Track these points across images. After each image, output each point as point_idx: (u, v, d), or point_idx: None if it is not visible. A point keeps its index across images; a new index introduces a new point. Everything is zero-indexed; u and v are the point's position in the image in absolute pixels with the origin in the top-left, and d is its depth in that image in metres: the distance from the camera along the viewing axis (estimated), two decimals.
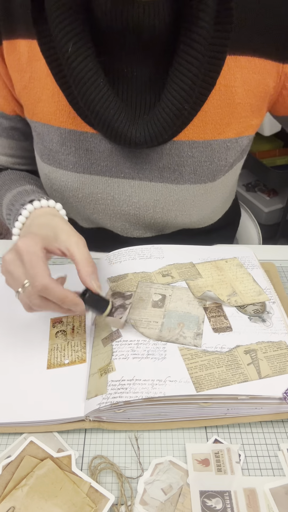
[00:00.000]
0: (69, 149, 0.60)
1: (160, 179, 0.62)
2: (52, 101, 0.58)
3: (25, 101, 0.60)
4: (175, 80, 0.51)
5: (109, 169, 0.61)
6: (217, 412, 0.46)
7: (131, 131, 0.54)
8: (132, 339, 0.50)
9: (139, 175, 0.62)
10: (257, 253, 0.66)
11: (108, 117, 0.53)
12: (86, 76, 0.51)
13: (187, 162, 0.60)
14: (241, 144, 0.62)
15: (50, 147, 0.61)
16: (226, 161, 0.62)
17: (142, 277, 0.59)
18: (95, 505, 0.39)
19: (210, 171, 0.62)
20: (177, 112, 0.53)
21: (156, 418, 0.46)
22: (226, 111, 0.57)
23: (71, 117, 0.58)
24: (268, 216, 1.92)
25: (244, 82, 0.55)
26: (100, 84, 0.51)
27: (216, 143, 0.60)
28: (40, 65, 0.56)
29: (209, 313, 0.53)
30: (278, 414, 0.47)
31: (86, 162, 0.61)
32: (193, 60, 0.50)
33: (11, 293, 0.60)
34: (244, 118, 0.59)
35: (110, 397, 0.44)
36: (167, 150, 0.59)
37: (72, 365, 0.51)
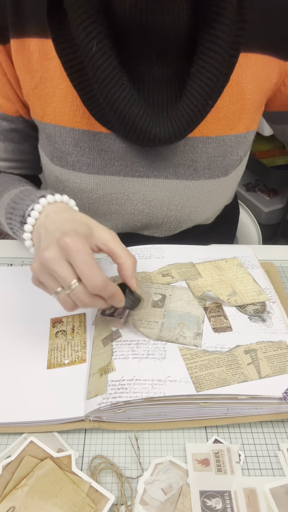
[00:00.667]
0: (82, 150, 0.60)
1: (175, 175, 0.62)
2: (65, 102, 0.57)
3: (35, 102, 0.59)
4: (200, 76, 0.52)
5: (123, 169, 0.61)
6: (217, 412, 0.46)
7: (154, 128, 0.54)
8: (132, 339, 0.50)
9: (154, 173, 0.62)
10: (257, 253, 0.66)
11: (132, 115, 0.53)
12: (110, 75, 0.51)
13: (201, 158, 0.61)
14: (249, 138, 0.64)
15: (62, 149, 0.61)
16: (238, 155, 0.64)
17: (142, 277, 0.59)
18: (95, 505, 0.39)
19: (223, 166, 0.63)
20: (201, 108, 0.53)
21: (156, 418, 0.46)
22: (238, 107, 0.59)
23: (85, 118, 0.58)
24: (268, 216, 1.92)
25: (253, 78, 0.57)
26: (124, 83, 0.51)
27: (228, 138, 0.61)
28: (53, 65, 0.55)
29: (209, 313, 0.53)
30: (278, 414, 0.47)
31: (100, 163, 0.61)
32: (218, 56, 0.51)
33: (11, 293, 0.60)
34: (252, 114, 0.61)
35: (110, 397, 0.44)
36: (182, 147, 0.60)
37: (72, 365, 0.51)
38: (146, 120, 0.53)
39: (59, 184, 0.65)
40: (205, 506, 0.39)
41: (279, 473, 0.43)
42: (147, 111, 0.54)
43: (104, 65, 0.50)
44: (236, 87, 0.57)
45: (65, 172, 0.63)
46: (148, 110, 0.54)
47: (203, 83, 0.52)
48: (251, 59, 0.56)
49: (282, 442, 0.45)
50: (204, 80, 0.52)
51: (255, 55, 0.56)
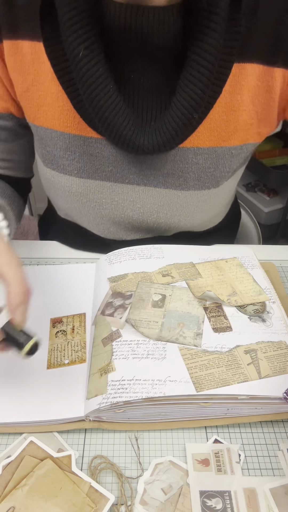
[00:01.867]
0: (73, 154, 0.60)
1: (164, 185, 0.62)
2: (56, 105, 0.57)
3: (27, 104, 0.59)
4: (185, 89, 0.51)
5: (113, 175, 0.61)
6: (217, 412, 0.46)
7: (139, 138, 0.53)
8: (132, 339, 0.50)
9: (144, 181, 0.62)
10: (257, 253, 0.66)
11: (117, 124, 0.52)
12: (96, 81, 0.50)
13: (192, 169, 0.60)
14: (245, 151, 0.62)
15: (54, 152, 0.61)
16: (230, 168, 0.62)
17: (142, 277, 0.59)
18: (95, 505, 0.39)
19: (214, 178, 0.62)
20: (186, 121, 0.52)
21: (156, 418, 0.46)
22: (231, 118, 0.57)
23: (76, 122, 0.57)
24: (268, 216, 1.93)
25: (249, 89, 0.55)
26: (110, 90, 0.51)
27: (221, 150, 0.59)
28: (45, 67, 0.55)
29: (209, 313, 0.53)
30: (278, 414, 0.47)
31: (90, 168, 0.61)
32: (203, 70, 0.49)
33: None
34: (250, 126, 0.58)
35: (110, 397, 0.44)
36: (172, 157, 0.59)
37: (72, 365, 0.51)
38: (130, 130, 0.53)
39: (51, 185, 0.66)
40: (205, 506, 0.39)
41: (279, 473, 0.43)
42: (133, 120, 0.53)
43: (90, 72, 0.49)
44: (230, 98, 0.55)
45: (56, 175, 0.63)
46: (134, 119, 0.53)
47: (188, 96, 0.51)
48: (246, 70, 0.54)
49: (282, 442, 0.45)
50: (190, 94, 0.51)
51: (251, 65, 0.54)
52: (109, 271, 0.61)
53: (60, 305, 0.58)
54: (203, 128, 0.57)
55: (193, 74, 0.50)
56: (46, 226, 0.87)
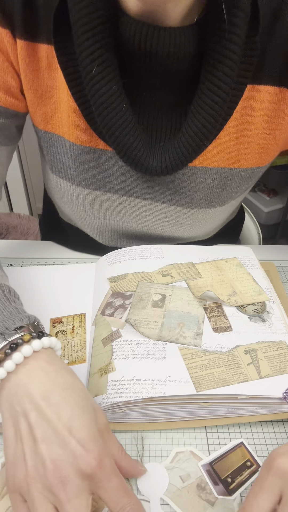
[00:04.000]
0: (82, 166, 0.59)
1: (171, 201, 0.62)
2: (67, 114, 0.55)
3: (39, 110, 0.57)
4: (197, 116, 0.50)
5: (121, 188, 0.61)
6: (217, 412, 0.46)
7: (148, 160, 0.53)
8: (132, 339, 0.50)
9: (151, 196, 0.61)
10: (257, 253, 0.66)
11: (127, 144, 0.52)
12: (109, 100, 0.49)
13: (200, 188, 0.60)
14: (257, 174, 0.61)
15: (63, 161, 0.60)
16: (238, 189, 0.62)
17: (142, 277, 0.59)
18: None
19: (221, 198, 0.62)
20: (196, 148, 0.52)
21: (156, 418, 0.46)
22: (242, 140, 0.56)
23: (87, 134, 0.56)
24: (268, 216, 1.93)
25: (262, 111, 0.54)
26: (122, 109, 0.49)
27: (230, 172, 0.59)
28: (60, 73, 0.53)
29: (209, 313, 0.53)
30: (278, 414, 0.47)
31: (99, 180, 0.60)
32: (217, 98, 0.48)
33: None
34: (260, 149, 0.57)
35: (110, 397, 0.44)
36: (180, 175, 0.59)
37: (72, 365, 0.51)
38: (140, 151, 0.52)
39: (57, 192, 0.65)
40: None
41: None
42: (143, 140, 0.52)
43: (103, 89, 0.48)
44: (241, 119, 0.54)
45: (64, 183, 0.62)
46: (145, 139, 0.53)
47: (200, 123, 0.50)
48: (259, 92, 0.52)
49: (282, 442, 0.45)
50: (201, 121, 0.50)
51: (265, 87, 0.52)
52: (109, 271, 0.61)
53: (60, 305, 0.58)
54: (213, 148, 0.56)
55: (206, 101, 0.49)
56: (47, 227, 0.87)
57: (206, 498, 0.40)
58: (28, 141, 1.84)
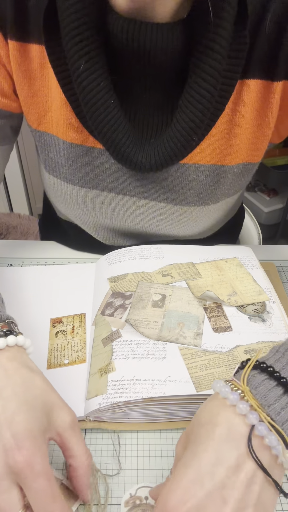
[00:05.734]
0: (75, 164, 0.59)
1: (164, 199, 0.62)
2: (60, 113, 0.56)
3: (32, 110, 0.57)
4: (185, 110, 0.50)
5: (114, 186, 0.61)
6: None
7: (137, 156, 0.53)
8: (132, 339, 0.50)
9: (144, 194, 0.61)
10: (257, 253, 0.66)
11: (116, 140, 0.52)
12: (96, 96, 0.49)
13: (192, 185, 0.60)
14: (249, 170, 0.61)
15: (57, 160, 0.60)
16: (231, 186, 0.62)
17: (142, 277, 0.59)
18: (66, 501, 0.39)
19: (214, 195, 0.61)
20: (185, 143, 0.52)
21: (156, 418, 0.46)
22: (234, 136, 0.56)
23: (79, 132, 0.57)
24: (268, 216, 1.93)
25: (252, 106, 0.53)
26: (110, 105, 0.50)
27: (222, 169, 0.59)
28: (51, 72, 0.53)
29: (209, 313, 0.53)
30: None
31: (92, 178, 0.60)
32: (205, 93, 0.48)
33: (10, 293, 0.60)
34: (251, 144, 0.57)
35: (110, 397, 0.44)
36: (173, 173, 0.59)
37: (72, 365, 0.51)
38: (129, 147, 0.52)
39: (52, 191, 0.66)
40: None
41: None
42: (133, 136, 0.52)
43: (91, 86, 0.48)
44: (232, 115, 0.54)
45: (58, 182, 0.63)
46: (134, 135, 0.53)
47: (188, 118, 0.50)
48: (249, 86, 0.52)
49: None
50: (190, 116, 0.49)
51: (255, 81, 0.52)
52: (109, 271, 0.61)
53: (60, 305, 0.58)
54: (205, 145, 0.56)
55: (193, 96, 0.48)
56: (46, 226, 0.87)
57: None
58: (28, 141, 1.84)
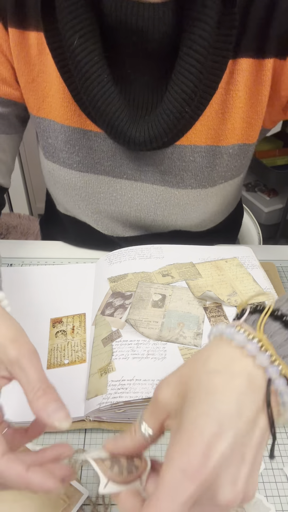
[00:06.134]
0: (73, 147, 0.60)
1: (161, 182, 0.62)
2: (57, 97, 0.57)
3: (32, 96, 0.59)
4: (177, 82, 0.51)
5: (112, 169, 0.62)
6: None
7: (131, 130, 0.54)
8: (132, 339, 0.50)
9: (141, 177, 0.62)
10: (257, 253, 0.66)
11: (109, 114, 0.53)
12: (90, 70, 0.50)
13: (189, 167, 0.60)
14: (245, 152, 0.62)
15: (55, 145, 0.61)
16: (228, 167, 0.62)
17: (142, 277, 0.59)
18: (68, 499, 0.39)
19: (211, 177, 0.62)
20: (178, 115, 0.52)
21: None
22: (228, 116, 0.57)
23: (76, 115, 0.58)
24: (268, 216, 1.93)
25: (245, 85, 0.54)
26: (104, 79, 0.51)
27: (218, 149, 0.59)
28: (50, 58, 0.55)
29: (209, 313, 0.53)
30: None
31: (89, 161, 0.61)
32: (195, 63, 0.49)
33: (11, 293, 0.60)
34: (246, 124, 0.58)
35: (110, 397, 0.44)
36: (169, 154, 0.59)
37: (72, 365, 0.51)
38: (123, 121, 0.53)
39: (51, 178, 0.66)
40: None
41: (279, 473, 0.43)
42: (127, 111, 0.53)
43: (85, 60, 0.50)
44: (226, 95, 0.55)
45: (57, 168, 0.63)
46: (129, 111, 0.54)
47: (180, 89, 0.51)
48: (242, 65, 0.53)
49: (282, 442, 0.45)
50: (181, 87, 0.51)
51: (247, 60, 0.53)
52: (109, 271, 0.61)
53: (60, 305, 0.58)
54: (200, 125, 0.57)
55: (184, 66, 0.50)
56: (47, 225, 0.87)
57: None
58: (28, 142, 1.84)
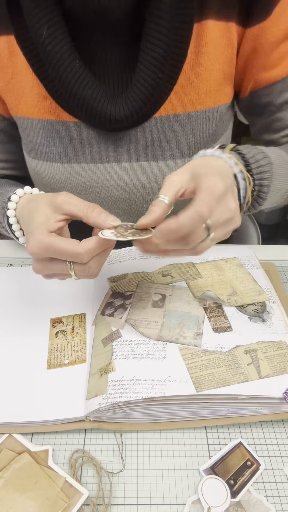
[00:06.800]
0: (53, 140, 0.61)
1: (144, 157, 0.63)
2: (33, 94, 0.59)
3: (9, 97, 0.61)
4: (147, 51, 0.52)
5: (94, 156, 0.62)
6: (217, 412, 0.46)
7: (110, 109, 0.55)
8: (132, 339, 0.50)
9: (124, 156, 0.63)
10: (257, 253, 0.66)
11: (86, 97, 0.54)
12: (61, 58, 0.52)
13: (170, 137, 0.61)
14: (220, 112, 0.63)
15: (36, 141, 0.62)
16: (208, 132, 0.63)
17: (142, 277, 0.59)
18: (68, 499, 0.39)
19: (193, 144, 0.62)
20: (152, 83, 0.54)
21: (156, 418, 0.46)
22: (201, 79, 0.58)
23: (53, 108, 0.59)
24: (268, 216, 1.93)
25: (213, 47, 0.56)
26: (76, 65, 0.53)
27: (197, 115, 0.60)
28: (21, 59, 0.57)
29: (209, 313, 0.53)
30: (278, 414, 0.47)
31: (71, 151, 0.62)
32: (160, 28, 0.51)
33: (11, 293, 0.61)
34: (219, 86, 0.60)
35: (110, 397, 0.44)
36: (149, 127, 0.60)
37: (72, 365, 0.51)
38: (100, 101, 0.54)
39: (37, 177, 0.67)
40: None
41: (279, 473, 0.43)
42: (103, 92, 0.55)
43: (55, 49, 0.52)
44: (196, 59, 0.57)
45: (40, 164, 0.64)
46: (105, 91, 0.55)
47: (150, 57, 0.52)
48: (207, 27, 0.55)
49: (283, 442, 0.45)
50: (152, 54, 0.52)
51: (212, 21, 0.54)
52: (109, 271, 0.61)
53: (60, 305, 0.58)
54: (176, 93, 0.58)
55: (152, 35, 0.51)
56: None
57: None
58: None
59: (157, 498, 0.41)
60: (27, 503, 0.39)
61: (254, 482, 0.42)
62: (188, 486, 0.42)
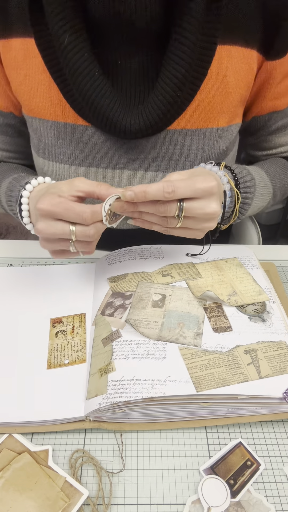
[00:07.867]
0: (64, 142, 0.62)
1: (155, 168, 0.63)
2: (47, 96, 0.59)
3: (22, 97, 0.61)
4: (169, 68, 0.52)
5: (104, 161, 0.63)
6: (217, 412, 0.46)
7: (125, 120, 0.55)
8: (132, 339, 0.50)
9: (134, 165, 0.63)
10: (257, 253, 0.66)
11: (103, 107, 0.54)
12: (81, 66, 0.52)
13: (181, 150, 0.62)
14: (231, 132, 0.64)
15: (46, 142, 0.63)
16: (219, 149, 0.64)
17: (142, 277, 0.59)
18: (68, 499, 0.39)
19: (203, 159, 0.63)
20: (170, 100, 0.54)
21: (156, 418, 0.46)
22: (218, 100, 0.59)
23: (66, 111, 0.59)
24: (268, 216, 1.93)
25: (234, 71, 0.57)
26: (95, 74, 0.53)
27: (208, 131, 0.61)
28: (36, 62, 0.57)
29: (209, 313, 0.53)
30: (278, 414, 0.47)
31: (81, 155, 0.62)
32: (185, 48, 0.51)
33: (11, 293, 0.61)
34: (234, 108, 0.61)
35: (110, 397, 0.44)
36: (161, 139, 0.60)
37: (72, 365, 0.51)
38: (117, 111, 0.55)
39: (44, 176, 0.67)
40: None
41: (279, 473, 0.43)
42: (120, 102, 0.55)
43: (76, 57, 0.52)
44: (217, 80, 0.57)
45: (49, 164, 0.65)
46: (122, 102, 0.55)
47: (172, 75, 0.53)
48: (231, 52, 0.56)
49: (282, 442, 0.45)
50: (173, 72, 0.52)
51: (236, 47, 0.56)
52: (109, 271, 0.61)
53: (60, 305, 0.58)
54: (191, 110, 0.59)
55: (175, 53, 0.52)
56: None
57: None
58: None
59: (157, 498, 0.41)
60: (27, 503, 0.39)
61: (254, 482, 0.42)
62: (188, 486, 0.42)
